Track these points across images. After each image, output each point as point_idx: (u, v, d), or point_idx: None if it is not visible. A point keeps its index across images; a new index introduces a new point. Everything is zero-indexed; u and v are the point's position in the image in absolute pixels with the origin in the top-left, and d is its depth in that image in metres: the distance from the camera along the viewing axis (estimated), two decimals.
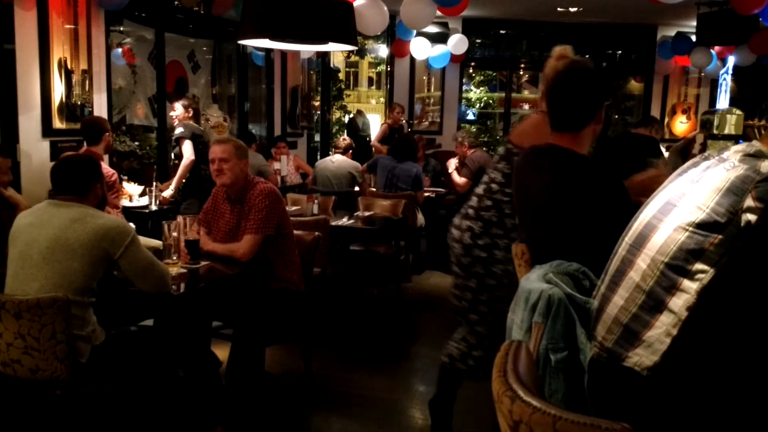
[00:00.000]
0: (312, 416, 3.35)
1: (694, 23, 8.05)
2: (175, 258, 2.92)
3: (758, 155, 1.53)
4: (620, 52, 11.16)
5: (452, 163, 6.46)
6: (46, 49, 4.85)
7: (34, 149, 4.85)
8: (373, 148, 8.91)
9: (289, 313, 3.37)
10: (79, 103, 5.10)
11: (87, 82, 5.19)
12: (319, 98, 10.05)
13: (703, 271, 1.46)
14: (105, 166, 4.63)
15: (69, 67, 5.02)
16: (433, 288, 6.00)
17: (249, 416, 3.01)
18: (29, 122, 4.81)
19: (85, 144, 4.66)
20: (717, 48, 8.89)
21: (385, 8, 6.32)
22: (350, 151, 6.40)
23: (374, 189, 6.18)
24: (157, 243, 3.13)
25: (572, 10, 8.93)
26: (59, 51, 4.95)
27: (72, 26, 5.05)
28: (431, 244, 6.88)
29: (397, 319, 5.04)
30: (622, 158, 4.40)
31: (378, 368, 4.03)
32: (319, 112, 10.15)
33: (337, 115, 13.16)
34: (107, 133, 4.59)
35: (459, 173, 6.37)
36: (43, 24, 4.81)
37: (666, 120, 9.98)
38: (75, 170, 2.63)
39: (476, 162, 6.41)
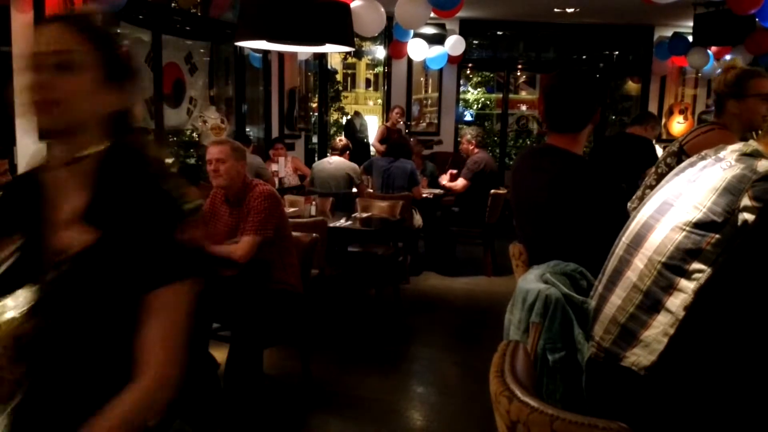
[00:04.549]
0: (310, 418, 3.34)
1: (691, 24, 8.06)
2: None
3: (755, 154, 1.54)
4: (617, 52, 11.18)
5: (445, 179, 6.76)
6: None
7: (31, 152, 4.84)
8: (374, 148, 8.93)
9: (287, 314, 3.37)
10: None
11: None
12: (316, 100, 10.05)
13: (700, 271, 1.46)
14: None
15: None
16: (431, 289, 5.99)
17: (247, 418, 3.01)
18: (26, 125, 4.80)
19: None
20: (714, 48, 8.91)
21: (382, 9, 6.32)
22: (347, 152, 6.41)
23: (371, 190, 6.19)
24: None
25: (569, 11, 8.94)
26: None
27: None
28: (429, 246, 6.88)
29: (395, 320, 5.04)
30: (617, 160, 4.41)
31: (376, 370, 4.02)
32: (316, 114, 10.15)
33: (334, 116, 13.16)
34: None
35: (453, 179, 6.65)
36: None
37: (663, 120, 10.00)
38: None
39: (479, 163, 6.43)
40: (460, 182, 6.48)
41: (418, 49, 9.21)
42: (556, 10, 8.94)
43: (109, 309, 1.24)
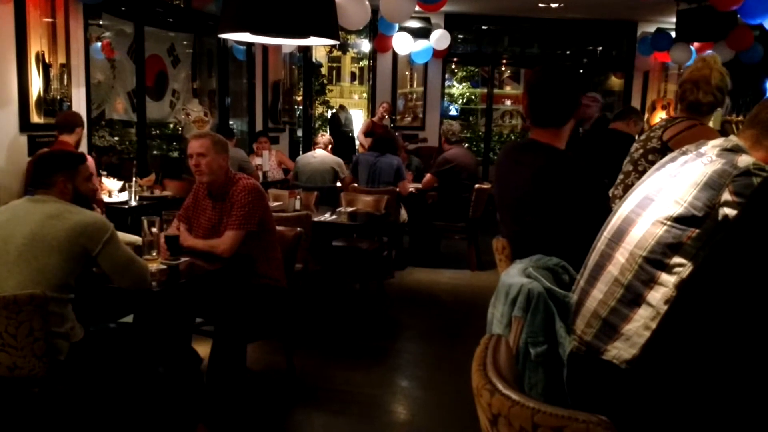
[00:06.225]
0: (294, 412, 3.34)
1: (674, 19, 8.13)
2: (154, 254, 2.89)
3: (735, 150, 1.55)
4: (600, 48, 11.23)
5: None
6: (24, 43, 4.77)
7: (12, 144, 4.78)
8: (358, 141, 8.94)
9: (271, 309, 3.36)
10: (57, 97, 5.04)
11: (65, 77, 5.12)
12: (301, 93, 10.01)
13: (681, 265, 1.47)
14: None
15: (47, 61, 4.95)
16: (416, 284, 6.00)
17: (231, 413, 3.00)
18: (7, 117, 4.74)
19: (59, 135, 4.65)
20: (696, 44, 8.98)
21: (367, 2, 6.30)
22: (330, 146, 6.40)
23: (356, 185, 6.19)
24: (135, 238, 3.10)
25: (553, 5, 8.96)
26: (37, 45, 4.88)
27: (50, 20, 4.98)
28: (414, 240, 6.89)
29: (379, 315, 5.05)
30: (600, 156, 4.43)
31: (360, 364, 4.02)
32: (301, 107, 10.11)
33: (319, 110, 13.13)
34: (80, 128, 4.68)
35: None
36: (21, 17, 4.74)
37: (646, 116, 10.07)
38: (39, 163, 2.67)
39: (448, 160, 6.42)
40: (426, 178, 6.53)
41: (403, 43, 9.20)
42: (540, 5, 8.96)
43: None
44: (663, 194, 1.55)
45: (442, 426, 3.29)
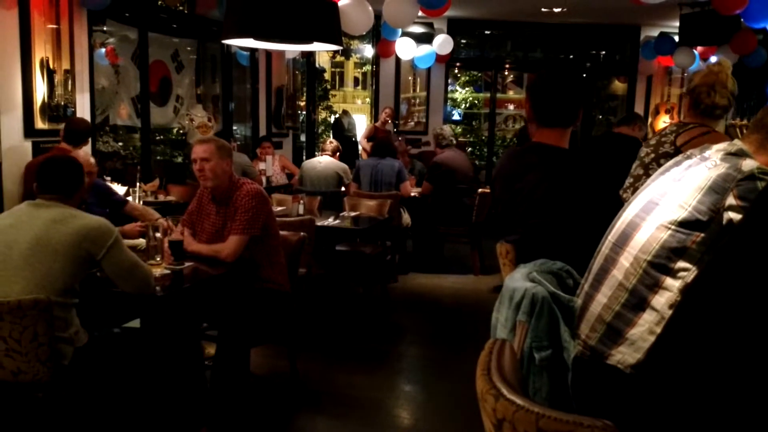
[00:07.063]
0: (297, 416, 3.34)
1: (677, 24, 8.12)
2: (158, 259, 2.90)
3: (739, 154, 1.55)
4: (604, 52, 11.23)
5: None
6: (28, 49, 4.79)
7: (16, 150, 4.80)
8: (361, 146, 8.95)
9: (274, 313, 3.36)
10: (61, 103, 5.05)
11: (69, 82, 5.14)
12: (304, 98, 10.02)
13: (685, 269, 1.47)
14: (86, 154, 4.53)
15: (51, 66, 4.97)
16: (419, 288, 6.00)
17: (234, 417, 3.00)
18: (11, 122, 4.75)
19: (63, 142, 4.61)
20: (700, 48, 8.97)
21: (370, 8, 6.32)
22: (337, 153, 6.42)
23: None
24: (139, 241, 3.11)
25: (556, 10, 8.96)
26: (41, 51, 4.89)
27: (54, 26, 5.00)
28: (417, 245, 6.88)
29: (382, 319, 5.04)
30: (605, 159, 4.43)
31: (364, 368, 4.02)
32: (304, 112, 10.12)
33: (322, 115, 13.14)
34: (84, 144, 4.68)
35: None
36: (25, 23, 4.76)
37: (649, 120, 10.06)
38: (65, 171, 2.62)
39: (439, 163, 6.44)
40: (423, 187, 6.61)
41: (406, 48, 9.21)
42: (543, 9, 8.96)
43: None
44: (667, 198, 1.55)
45: (446, 430, 3.29)
